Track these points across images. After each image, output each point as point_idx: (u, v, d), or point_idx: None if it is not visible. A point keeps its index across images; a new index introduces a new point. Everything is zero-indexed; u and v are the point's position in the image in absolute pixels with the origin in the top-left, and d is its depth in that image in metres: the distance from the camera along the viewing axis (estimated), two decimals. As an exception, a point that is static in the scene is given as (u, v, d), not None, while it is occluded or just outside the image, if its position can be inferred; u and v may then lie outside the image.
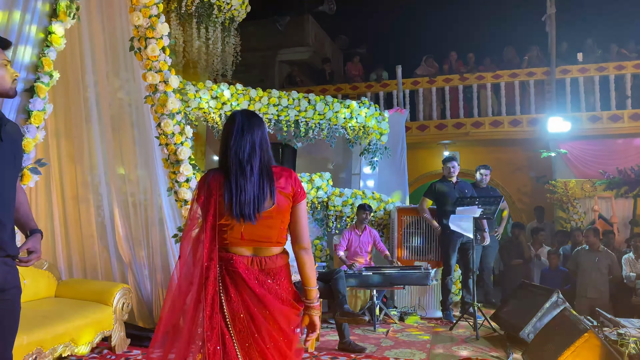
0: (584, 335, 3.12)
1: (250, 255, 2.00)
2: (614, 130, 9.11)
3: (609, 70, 9.27)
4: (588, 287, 6.62)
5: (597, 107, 9.24)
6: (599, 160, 8.94)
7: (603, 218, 8.83)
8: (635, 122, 9.01)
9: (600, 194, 8.81)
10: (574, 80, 9.39)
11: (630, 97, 9.14)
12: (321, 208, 6.54)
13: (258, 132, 2.08)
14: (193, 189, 4.28)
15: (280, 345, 1.95)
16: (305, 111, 6.44)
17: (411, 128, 9.80)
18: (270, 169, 2.05)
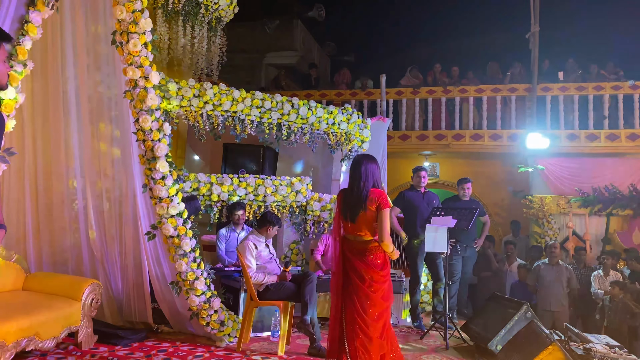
0: (549, 347, 3.18)
1: (352, 239, 3.51)
2: (590, 149, 9.31)
3: (588, 90, 9.47)
4: (550, 301, 6.76)
5: (576, 126, 9.43)
6: (575, 177, 9.10)
7: (576, 235, 9.00)
8: (611, 142, 9.22)
9: (575, 211, 8.97)
10: (554, 98, 9.57)
11: (608, 117, 9.35)
12: (299, 212, 6.54)
13: (365, 166, 3.44)
14: (169, 187, 4.25)
15: (362, 293, 3.38)
16: (288, 115, 6.44)
17: (393, 137, 9.87)
18: (367, 190, 3.40)
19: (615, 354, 5.09)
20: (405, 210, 5.97)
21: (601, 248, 8.72)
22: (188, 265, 4.38)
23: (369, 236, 3.45)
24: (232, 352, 4.41)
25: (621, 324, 6.54)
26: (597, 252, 8.64)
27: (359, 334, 3.31)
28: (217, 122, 6.04)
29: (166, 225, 4.30)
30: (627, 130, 9.21)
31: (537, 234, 9.01)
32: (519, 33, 9.63)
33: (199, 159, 8.07)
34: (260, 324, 5.13)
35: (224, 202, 6.07)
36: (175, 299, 4.67)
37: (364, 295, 3.37)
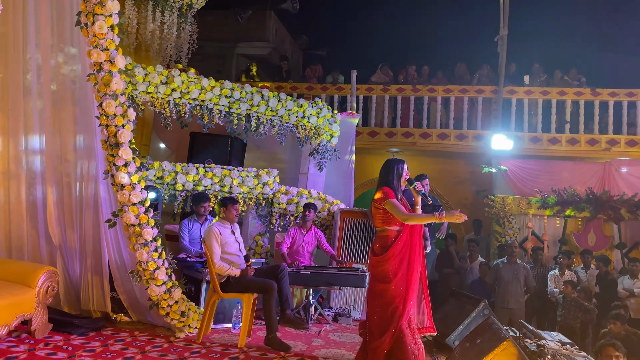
0: (503, 343, 3.26)
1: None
2: (552, 152, 9.58)
3: (552, 95, 9.74)
4: (508, 299, 6.95)
5: (539, 129, 9.69)
6: (536, 179, 9.36)
7: (535, 235, 9.26)
8: (571, 146, 9.51)
9: (535, 212, 9.22)
10: (519, 101, 9.81)
11: (569, 122, 9.63)
12: (266, 204, 6.52)
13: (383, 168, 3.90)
14: (131, 174, 4.17)
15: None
16: (258, 106, 6.40)
17: (362, 133, 9.93)
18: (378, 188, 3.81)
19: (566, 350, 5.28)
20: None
21: (558, 248, 9.00)
22: (149, 255, 4.31)
23: (379, 226, 3.80)
24: (192, 342, 4.37)
25: (574, 321, 6.79)
26: (554, 252, 8.91)
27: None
28: (184, 110, 5.96)
29: (127, 213, 4.21)
30: (587, 135, 9.51)
31: (497, 233, 9.23)
32: (488, 36, 9.82)
33: (165, 147, 7.94)
34: (222, 316, 5.09)
35: (188, 192, 6.00)
36: (135, 288, 4.59)
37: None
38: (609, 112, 9.50)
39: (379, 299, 3.63)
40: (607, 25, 11.52)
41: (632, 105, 9.53)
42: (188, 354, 4.06)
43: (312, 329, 5.22)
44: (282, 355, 4.17)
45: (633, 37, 11.16)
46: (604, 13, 11.68)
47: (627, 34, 11.26)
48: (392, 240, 3.66)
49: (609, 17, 11.67)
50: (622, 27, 11.43)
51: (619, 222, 8.98)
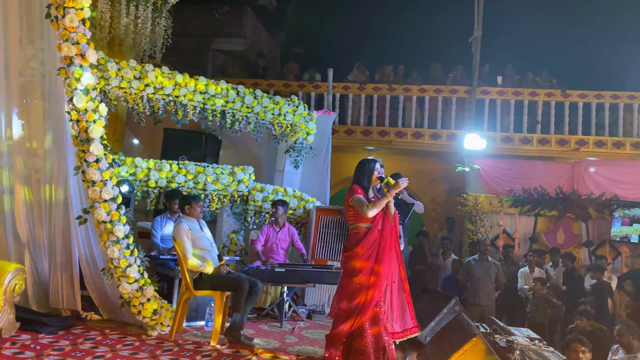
0: (473, 339, 3.33)
1: None
2: (523, 152, 9.77)
3: (524, 96, 9.92)
4: (480, 295, 7.08)
5: (511, 129, 9.86)
6: (507, 178, 9.54)
7: (507, 233, 9.44)
8: (542, 146, 9.71)
9: (506, 210, 9.41)
10: (492, 102, 9.97)
11: (540, 122, 9.83)
12: (241, 202, 6.49)
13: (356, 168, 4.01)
14: (103, 170, 4.10)
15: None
16: (233, 102, 6.36)
17: (338, 131, 9.96)
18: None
19: (535, 346, 5.41)
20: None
21: (528, 246, 9.20)
22: (120, 252, 4.25)
23: (350, 224, 3.91)
24: (164, 341, 4.34)
25: (542, 317, 6.95)
26: (525, 250, 9.11)
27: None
28: (157, 105, 5.89)
29: (99, 210, 4.15)
30: (557, 135, 9.73)
31: (470, 231, 9.38)
32: (462, 36, 9.94)
33: (138, 143, 7.84)
34: (195, 313, 5.07)
35: (161, 189, 5.93)
36: (106, 286, 4.53)
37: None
38: (578, 113, 9.73)
39: (344, 291, 3.77)
40: (578, 28, 11.77)
41: (600, 107, 9.78)
42: (160, 352, 4.03)
43: (286, 326, 5.24)
44: (255, 352, 4.17)
45: (603, 40, 11.45)
46: (577, 16, 11.94)
47: (598, 37, 11.54)
48: (362, 236, 3.77)
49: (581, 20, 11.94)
50: (593, 31, 11.72)
51: (587, 221, 9.23)
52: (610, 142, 9.56)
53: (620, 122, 9.65)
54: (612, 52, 11.11)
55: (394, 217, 3.92)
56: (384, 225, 3.80)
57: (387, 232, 3.80)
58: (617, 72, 10.50)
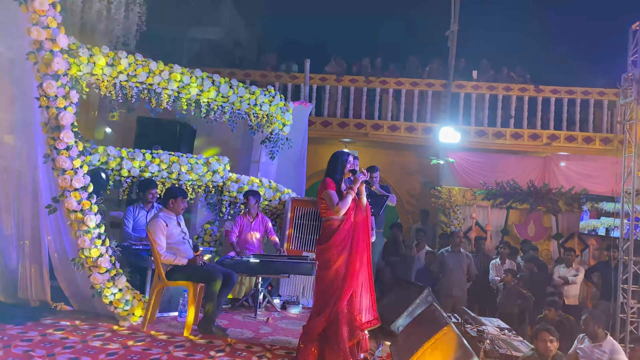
0: (444, 329, 3.38)
1: None
2: (496, 146, 9.93)
3: (498, 90, 10.07)
4: (452, 286, 7.20)
5: (485, 123, 10.00)
6: (481, 171, 9.69)
7: (479, 225, 9.60)
8: (515, 140, 9.88)
9: (479, 203, 9.57)
10: (467, 96, 10.09)
11: (514, 117, 10.00)
12: (215, 192, 6.44)
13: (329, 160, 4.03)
14: (73, 158, 4.02)
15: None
16: (208, 91, 6.29)
17: (315, 123, 9.96)
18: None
19: (504, 335, 5.53)
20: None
21: (500, 238, 9.37)
22: (92, 242, 4.18)
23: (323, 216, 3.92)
24: (137, 331, 4.29)
25: (512, 308, 7.10)
26: (496, 242, 9.28)
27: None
28: (131, 93, 5.79)
29: (69, 199, 4.06)
30: (530, 130, 9.91)
31: (443, 223, 9.51)
32: (439, 30, 10.01)
33: (111, 131, 7.70)
34: (168, 304, 5.02)
35: (134, 178, 5.84)
36: (76, 276, 4.45)
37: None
38: (550, 108, 9.92)
39: (320, 283, 3.81)
40: (553, 24, 11.99)
41: (571, 103, 9.99)
42: (132, 342, 3.98)
43: (260, 317, 5.23)
44: (228, 342, 4.16)
45: (576, 37, 11.68)
46: (552, 13, 12.16)
47: (571, 35, 11.77)
48: (335, 229, 3.81)
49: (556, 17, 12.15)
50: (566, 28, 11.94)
51: (557, 214, 9.44)
52: (581, 137, 9.79)
53: (590, 118, 9.88)
54: (584, 49, 11.34)
55: (366, 208, 3.95)
56: (356, 217, 3.85)
57: (360, 224, 3.85)
58: (589, 69, 10.73)
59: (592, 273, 7.99)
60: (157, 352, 3.79)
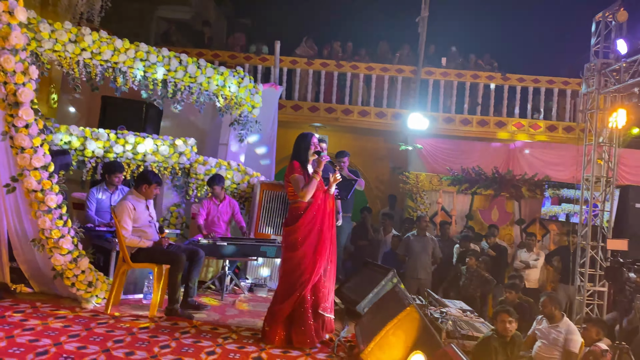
0: (407, 309, 3.44)
1: None
2: (463, 133, 10.09)
3: (466, 78, 10.20)
4: (417, 269, 7.34)
5: (453, 110, 10.14)
6: (447, 158, 9.84)
7: (445, 210, 9.77)
8: (481, 128, 10.06)
9: (445, 189, 9.72)
10: (436, 82, 10.19)
11: (481, 104, 10.16)
12: (182, 174, 6.35)
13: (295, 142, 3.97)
14: (33, 136, 3.89)
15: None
16: (175, 71, 6.17)
17: (285, 106, 9.90)
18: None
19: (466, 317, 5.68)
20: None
21: (465, 223, 9.57)
22: (53, 222, 4.08)
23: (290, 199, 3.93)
24: (100, 313, 4.23)
25: (474, 291, 7.29)
26: (461, 227, 9.47)
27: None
28: (95, 72, 5.63)
29: (28, 178, 3.95)
30: (496, 117, 10.10)
31: (410, 208, 9.64)
32: (409, 16, 10.04)
33: (74, 111, 7.48)
34: (133, 286, 4.97)
35: (98, 159, 5.71)
36: (37, 257, 4.35)
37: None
38: (516, 96, 10.12)
39: (286, 265, 3.83)
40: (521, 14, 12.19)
41: (536, 92, 10.21)
42: (95, 324, 3.93)
43: (227, 300, 5.23)
44: (194, 324, 4.15)
45: (543, 28, 11.90)
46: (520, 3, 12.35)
47: (538, 25, 11.99)
48: (302, 211, 3.82)
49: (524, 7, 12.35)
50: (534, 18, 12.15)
51: (520, 200, 9.69)
52: (545, 125, 10.04)
53: (554, 107, 10.13)
54: (550, 39, 11.58)
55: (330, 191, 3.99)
56: (324, 200, 3.88)
57: (326, 207, 3.88)
58: (554, 59, 10.98)
59: (552, 257, 8.25)
60: (120, 334, 3.75)
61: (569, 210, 8.85)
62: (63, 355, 3.26)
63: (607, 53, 7.15)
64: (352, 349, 3.82)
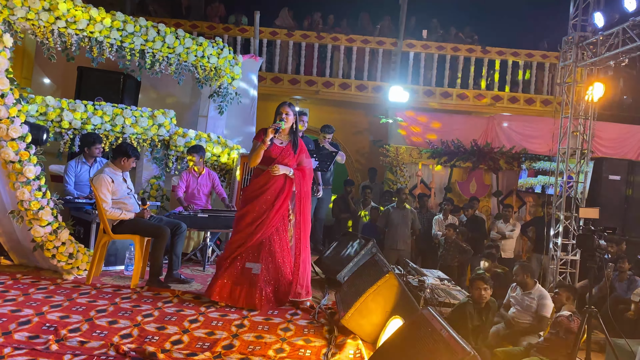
0: (386, 276, 3.52)
1: None
2: (443, 106, 10.16)
3: (447, 51, 10.22)
4: (397, 241, 7.46)
5: (433, 83, 10.18)
6: (427, 131, 9.91)
7: (424, 183, 9.90)
8: (461, 101, 10.14)
9: (424, 161, 9.83)
10: (417, 55, 10.19)
11: (460, 77, 10.21)
12: (162, 147, 6.31)
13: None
14: (9, 106, 3.83)
15: None
16: (153, 42, 6.07)
17: (266, 79, 9.82)
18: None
19: (444, 285, 5.83)
20: None
21: (443, 195, 9.72)
22: (32, 194, 4.05)
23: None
24: (81, 284, 4.25)
25: (452, 261, 7.46)
26: (440, 199, 9.62)
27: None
28: (70, 41, 5.51)
29: (5, 149, 3.90)
30: (475, 90, 10.18)
31: (390, 181, 9.74)
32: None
33: (50, 82, 7.32)
34: (114, 258, 4.98)
35: (76, 131, 5.63)
36: (16, 229, 4.33)
37: None
38: (495, 69, 10.19)
39: (235, 226, 4.08)
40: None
41: (515, 65, 10.29)
42: (77, 295, 3.95)
43: (208, 270, 5.28)
44: (176, 293, 4.19)
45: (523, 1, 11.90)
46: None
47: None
48: (254, 177, 4.11)
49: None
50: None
51: (497, 172, 9.85)
52: (523, 98, 10.15)
53: (532, 80, 10.23)
54: (530, 13, 11.60)
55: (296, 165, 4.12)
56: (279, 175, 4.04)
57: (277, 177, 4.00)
58: (534, 33, 11.02)
59: (528, 228, 8.45)
60: (103, 304, 3.78)
61: (545, 182, 9.03)
62: (46, 324, 3.28)
63: (584, 26, 7.21)
64: (333, 315, 3.91)
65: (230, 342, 3.24)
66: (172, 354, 2.99)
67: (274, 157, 4.00)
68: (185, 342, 3.20)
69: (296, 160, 4.12)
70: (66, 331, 3.17)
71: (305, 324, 3.73)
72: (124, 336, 3.20)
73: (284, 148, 4.06)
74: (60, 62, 5.75)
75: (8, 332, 3.11)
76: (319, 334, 3.53)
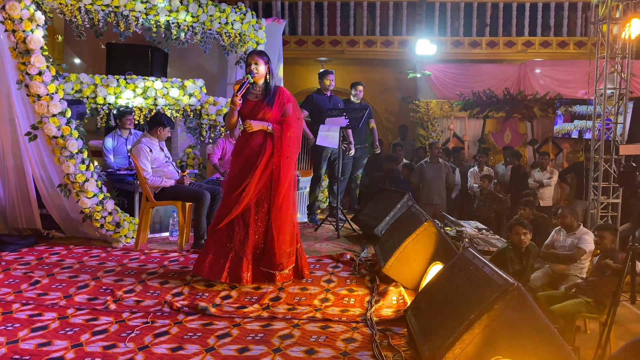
0: (424, 224, 3.56)
1: None
2: (473, 56, 9.91)
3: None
4: (433, 195, 7.45)
5: (461, 33, 9.91)
6: (457, 83, 9.72)
7: (457, 136, 9.79)
8: (491, 49, 9.86)
9: (456, 114, 9.69)
10: (443, 5, 9.90)
11: (489, 25, 9.91)
12: (194, 116, 6.41)
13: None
14: (47, 83, 3.95)
15: None
16: (177, 12, 6.08)
17: (289, 42, 9.76)
18: None
19: (482, 234, 5.84)
20: (312, 112, 6.08)
21: (477, 147, 9.60)
22: (76, 167, 4.21)
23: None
24: (130, 251, 4.44)
25: (488, 212, 7.43)
26: (474, 151, 9.51)
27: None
28: (97, 17, 5.58)
29: (48, 125, 4.05)
30: (505, 37, 9.87)
31: (422, 137, 9.66)
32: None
33: (80, 61, 7.47)
34: (159, 225, 5.16)
35: (110, 105, 5.77)
36: (64, 202, 4.52)
37: None
38: (525, 14, 9.83)
39: (224, 190, 3.85)
40: None
41: (546, 7, 9.90)
42: (127, 260, 4.14)
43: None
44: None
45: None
46: None
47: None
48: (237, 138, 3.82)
49: None
50: None
51: (532, 120, 9.64)
52: (555, 42, 9.80)
53: (564, 22, 9.84)
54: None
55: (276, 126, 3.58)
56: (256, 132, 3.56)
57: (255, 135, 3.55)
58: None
59: (567, 174, 8.30)
60: (153, 267, 3.95)
61: (582, 127, 8.80)
62: (102, 287, 3.47)
63: (619, -41, 6.87)
64: (373, 266, 3.99)
65: (277, 294, 3.36)
66: (222, 307, 3.13)
67: (246, 115, 3.57)
68: (234, 297, 3.34)
69: (278, 112, 3.60)
70: (122, 292, 3.35)
71: (347, 275, 3.82)
72: (175, 294, 3.36)
73: (257, 102, 3.58)
74: (89, 40, 5.85)
75: (69, 295, 3.31)
76: (361, 284, 3.62)
